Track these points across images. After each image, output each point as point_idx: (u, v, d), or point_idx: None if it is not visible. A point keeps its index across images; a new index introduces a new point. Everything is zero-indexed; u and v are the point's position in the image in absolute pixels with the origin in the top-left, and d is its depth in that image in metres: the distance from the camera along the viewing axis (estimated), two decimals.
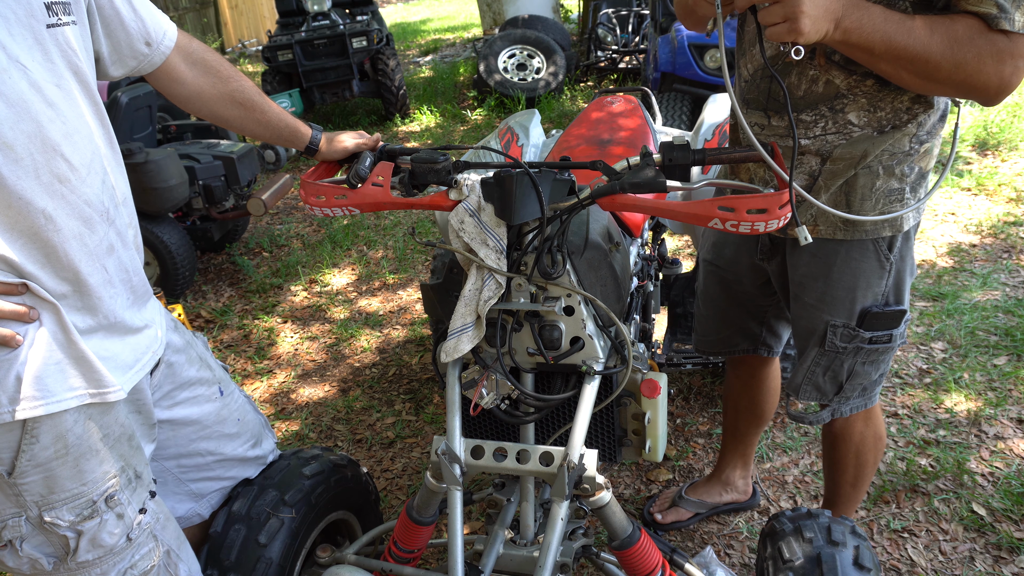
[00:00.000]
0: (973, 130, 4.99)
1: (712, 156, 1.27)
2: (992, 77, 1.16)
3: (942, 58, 1.15)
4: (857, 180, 1.41)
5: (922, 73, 1.18)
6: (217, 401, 1.49)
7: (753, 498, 2.26)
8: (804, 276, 1.53)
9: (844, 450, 1.76)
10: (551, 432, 1.55)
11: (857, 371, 1.58)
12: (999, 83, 1.17)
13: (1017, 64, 1.15)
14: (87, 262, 1.12)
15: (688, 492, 2.26)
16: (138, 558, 1.24)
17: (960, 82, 1.17)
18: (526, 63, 7.11)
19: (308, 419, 2.96)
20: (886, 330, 1.52)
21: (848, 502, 1.85)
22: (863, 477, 1.80)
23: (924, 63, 1.16)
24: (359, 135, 1.54)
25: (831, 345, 1.54)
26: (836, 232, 1.46)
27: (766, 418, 2.10)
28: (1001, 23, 1.12)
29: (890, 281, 1.50)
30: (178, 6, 12.39)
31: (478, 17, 10.38)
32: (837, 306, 1.51)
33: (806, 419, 1.69)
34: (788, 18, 1.10)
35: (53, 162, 1.05)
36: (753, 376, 2.02)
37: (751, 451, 2.21)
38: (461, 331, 1.35)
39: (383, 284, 4.04)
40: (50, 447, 1.10)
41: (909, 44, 1.15)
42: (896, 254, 1.48)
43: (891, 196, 1.42)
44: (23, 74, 1.01)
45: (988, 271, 3.43)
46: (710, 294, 1.87)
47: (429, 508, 1.48)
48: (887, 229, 1.45)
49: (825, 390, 1.62)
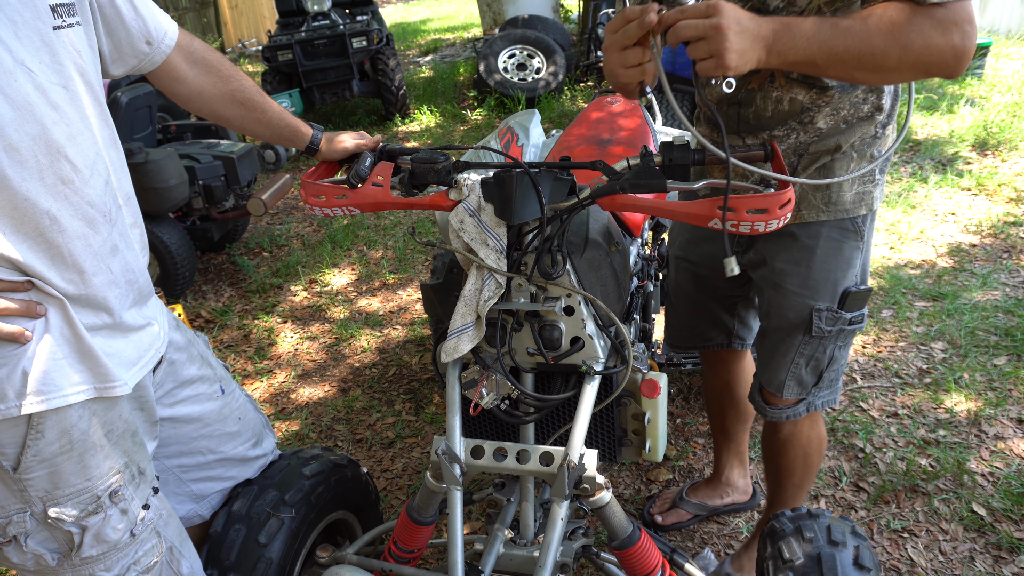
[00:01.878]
0: (973, 130, 4.99)
1: (712, 156, 1.27)
2: (945, 49, 1.14)
3: (887, 47, 1.14)
4: (834, 164, 1.46)
5: (873, 67, 1.17)
6: (218, 399, 1.49)
7: (754, 498, 2.26)
8: (786, 263, 1.56)
9: (793, 453, 1.78)
10: (551, 432, 1.55)
11: (836, 356, 1.62)
12: (953, 53, 1.15)
13: (964, 29, 1.13)
14: (91, 262, 1.13)
15: (688, 494, 2.26)
16: (141, 554, 1.24)
17: (913, 64, 1.16)
18: (526, 63, 7.11)
19: (308, 419, 2.96)
20: (859, 310, 1.56)
21: (794, 501, 1.88)
22: (809, 478, 1.84)
23: (871, 57, 1.15)
24: (359, 135, 1.54)
25: (817, 331, 1.57)
26: (820, 214, 1.49)
27: (750, 412, 2.12)
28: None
29: (861, 259, 1.55)
30: (178, 6, 12.39)
31: (478, 17, 10.38)
32: (820, 289, 1.54)
33: (783, 414, 1.70)
34: (713, 54, 1.08)
35: (57, 164, 1.06)
36: (730, 372, 2.05)
37: (744, 448, 2.22)
38: (461, 331, 1.35)
39: (383, 284, 4.04)
40: (55, 442, 1.11)
41: (849, 45, 1.14)
42: (867, 232, 1.53)
43: (864, 177, 1.48)
44: (28, 77, 1.02)
45: (988, 271, 3.43)
46: (683, 289, 1.90)
47: (429, 508, 1.48)
48: (862, 207, 1.49)
49: (806, 382, 1.65)
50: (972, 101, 5.55)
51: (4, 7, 1.00)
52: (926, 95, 5.74)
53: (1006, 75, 6.15)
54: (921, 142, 4.99)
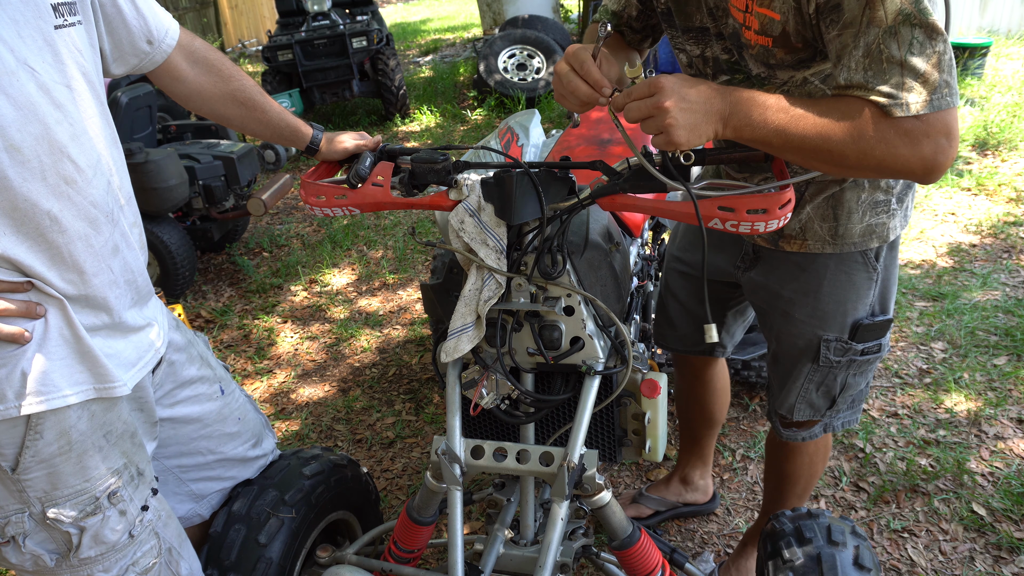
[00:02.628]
0: (973, 130, 4.99)
1: (712, 156, 1.27)
2: (912, 161, 1.04)
3: (845, 147, 1.05)
4: (844, 194, 1.40)
5: (831, 161, 1.08)
6: (218, 400, 1.49)
7: (712, 501, 2.28)
8: (794, 292, 1.52)
9: (799, 462, 1.77)
10: (551, 432, 1.55)
11: (849, 383, 1.58)
12: (923, 165, 1.04)
13: (937, 142, 1.01)
14: (92, 263, 1.13)
15: (649, 490, 2.29)
16: (140, 555, 1.24)
17: (876, 167, 1.06)
18: (526, 63, 7.11)
19: (308, 419, 2.96)
20: (875, 340, 1.52)
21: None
22: (811, 485, 1.83)
23: (828, 152, 1.06)
24: (360, 135, 1.54)
25: (825, 360, 1.53)
26: (825, 247, 1.45)
27: (717, 419, 2.12)
28: (894, 112, 1.02)
29: (877, 291, 1.49)
30: (178, 6, 12.39)
31: (478, 17, 10.37)
32: (829, 320, 1.50)
33: (798, 435, 1.69)
34: (661, 130, 1.05)
35: (60, 164, 1.05)
36: (697, 378, 2.03)
37: (708, 452, 2.23)
38: (461, 331, 1.35)
39: (383, 284, 4.04)
40: (54, 443, 1.10)
41: (806, 135, 1.05)
42: (882, 264, 1.47)
43: (877, 208, 1.41)
44: (31, 76, 1.01)
45: (988, 271, 3.43)
46: (672, 289, 1.88)
47: (429, 508, 1.48)
48: (874, 240, 1.43)
49: (818, 406, 1.62)
50: (972, 101, 5.55)
51: (6, 6, 0.99)
52: None
53: (1006, 75, 6.16)
54: None
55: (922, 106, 1.01)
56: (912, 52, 1.00)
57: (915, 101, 1.01)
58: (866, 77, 1.03)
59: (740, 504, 2.32)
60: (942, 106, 1.01)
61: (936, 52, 1.01)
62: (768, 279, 1.56)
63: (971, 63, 6.03)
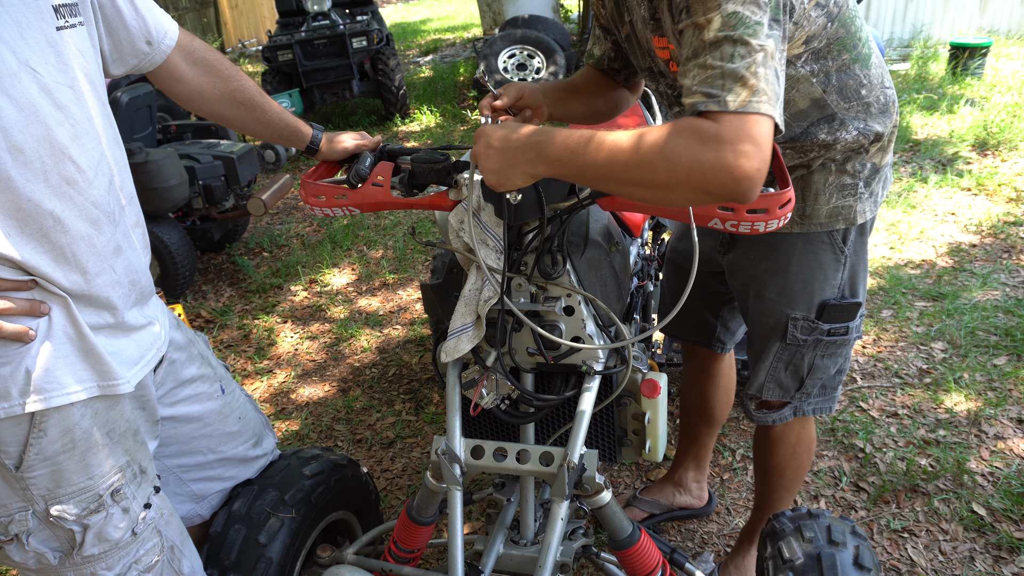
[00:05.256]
0: (973, 130, 4.99)
1: None
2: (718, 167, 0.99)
3: (653, 159, 1.02)
4: (812, 176, 1.45)
5: (642, 182, 1.05)
6: (218, 399, 1.49)
7: (709, 505, 2.28)
8: (765, 272, 1.56)
9: (782, 453, 1.79)
10: (551, 432, 1.55)
11: (817, 365, 1.62)
12: (730, 174, 0.98)
13: (738, 148, 0.98)
14: (95, 263, 1.13)
15: (643, 493, 2.29)
16: (143, 552, 1.24)
17: (687, 181, 1.01)
18: (526, 63, 7.11)
19: (308, 419, 2.96)
20: (843, 322, 1.56)
21: (781, 504, 1.88)
22: (798, 480, 1.84)
23: (637, 171, 1.03)
24: (360, 135, 1.54)
25: (792, 338, 1.57)
26: (793, 226, 1.50)
27: (718, 418, 2.12)
28: (710, 107, 1.01)
29: (845, 274, 1.54)
30: (178, 6, 12.40)
31: (478, 17, 10.38)
32: (796, 299, 1.55)
33: (768, 418, 1.71)
34: (484, 174, 1.16)
35: (62, 164, 1.06)
36: (703, 371, 2.05)
37: (705, 453, 2.23)
38: (461, 331, 1.35)
39: (383, 284, 4.05)
40: (57, 441, 1.11)
41: (613, 158, 1.05)
42: (850, 247, 1.52)
43: (844, 191, 1.46)
44: (33, 78, 1.01)
45: (988, 271, 3.43)
46: (668, 280, 1.96)
47: (429, 508, 1.48)
48: (840, 221, 1.48)
49: (787, 386, 1.65)
50: (972, 101, 5.55)
51: (8, 8, 0.99)
52: (926, 95, 5.75)
53: (1006, 75, 6.16)
54: (921, 142, 4.99)
55: (739, 105, 1.00)
56: (733, 62, 1.03)
57: (732, 100, 1.01)
58: (694, 81, 1.05)
59: (740, 504, 2.32)
60: (757, 109, 1.00)
61: (755, 63, 1.03)
62: (743, 260, 1.61)
63: (971, 63, 6.03)
